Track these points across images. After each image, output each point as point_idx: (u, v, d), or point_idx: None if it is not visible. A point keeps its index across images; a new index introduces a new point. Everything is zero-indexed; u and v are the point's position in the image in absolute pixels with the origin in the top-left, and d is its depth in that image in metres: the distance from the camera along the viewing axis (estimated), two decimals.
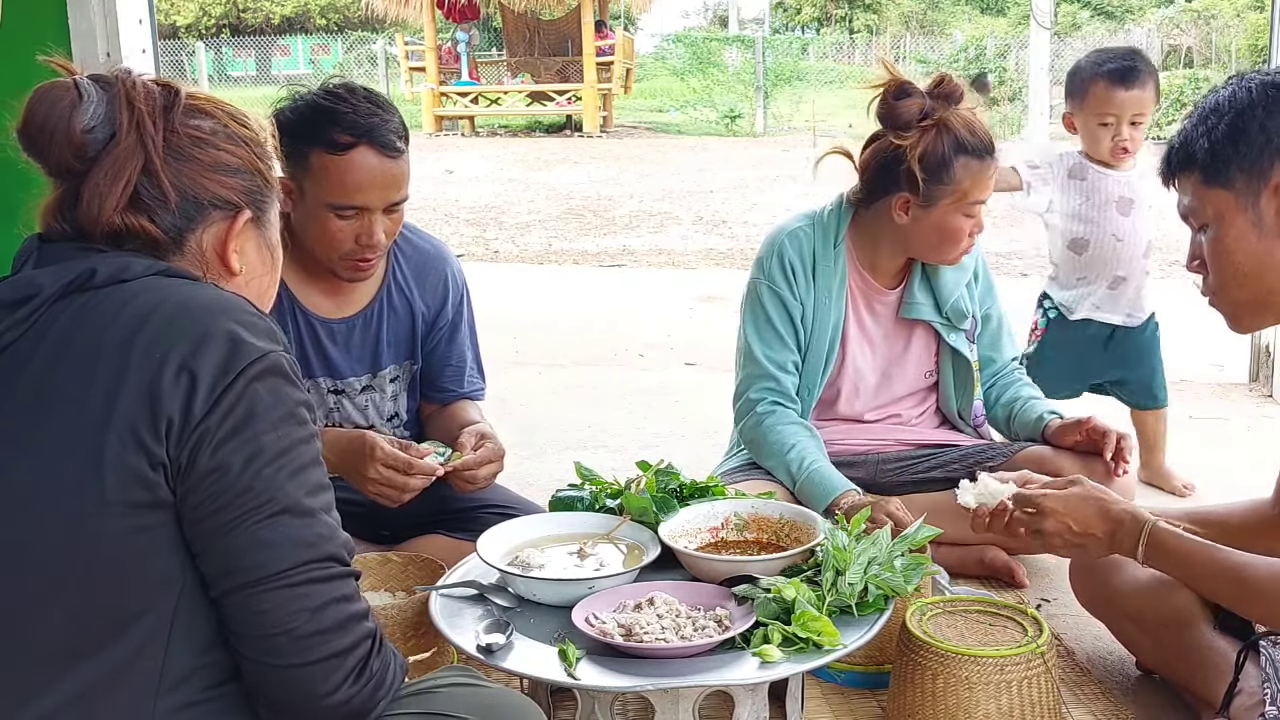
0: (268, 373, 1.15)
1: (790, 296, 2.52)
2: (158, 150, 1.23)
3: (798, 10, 33.02)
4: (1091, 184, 3.13)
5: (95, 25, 2.95)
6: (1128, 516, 1.77)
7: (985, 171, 2.41)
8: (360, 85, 2.17)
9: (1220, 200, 1.62)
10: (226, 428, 1.12)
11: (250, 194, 1.30)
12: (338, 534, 1.19)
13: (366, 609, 1.21)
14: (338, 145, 2.05)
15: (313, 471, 1.18)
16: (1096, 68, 3.01)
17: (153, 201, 1.23)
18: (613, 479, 2.15)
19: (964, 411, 2.64)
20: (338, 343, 2.30)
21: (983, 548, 2.55)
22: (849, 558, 1.76)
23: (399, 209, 2.15)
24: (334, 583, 1.17)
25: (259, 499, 1.13)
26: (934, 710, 1.75)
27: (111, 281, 1.17)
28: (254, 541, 1.13)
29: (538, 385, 4.50)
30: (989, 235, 8.57)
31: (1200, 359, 4.78)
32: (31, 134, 1.22)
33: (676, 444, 3.44)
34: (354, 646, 1.18)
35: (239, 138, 1.30)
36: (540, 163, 13.99)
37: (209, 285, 1.24)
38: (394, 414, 2.40)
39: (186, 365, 1.12)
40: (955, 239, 2.45)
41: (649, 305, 6.35)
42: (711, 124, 18.77)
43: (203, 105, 1.29)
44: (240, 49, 27.77)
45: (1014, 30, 22.88)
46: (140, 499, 1.10)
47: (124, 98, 1.23)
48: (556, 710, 1.93)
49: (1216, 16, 21.73)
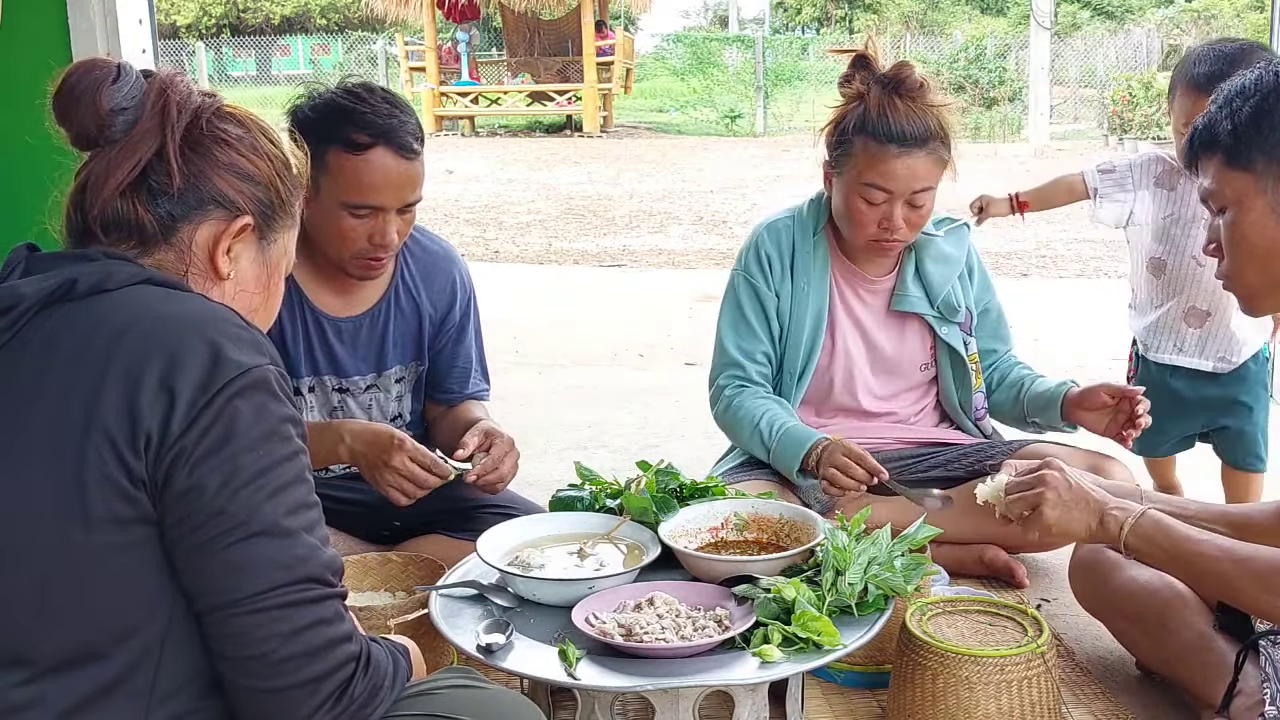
0: (251, 388, 1.13)
1: (765, 288, 2.53)
2: (175, 135, 1.23)
3: (798, 10, 33.00)
4: (1181, 195, 2.67)
5: (95, 25, 2.95)
6: (1111, 504, 1.78)
7: (883, 157, 2.36)
8: (379, 85, 2.18)
9: (1240, 183, 1.62)
10: (204, 446, 1.10)
11: (259, 205, 1.29)
12: (319, 554, 1.16)
13: (349, 631, 1.18)
14: (355, 145, 2.06)
15: (294, 491, 1.15)
16: (1191, 66, 2.58)
17: (157, 186, 1.23)
18: (613, 479, 2.16)
19: (964, 404, 2.64)
20: (344, 341, 2.30)
21: (983, 547, 2.55)
22: (849, 558, 1.76)
23: (412, 210, 2.16)
24: (312, 606, 1.14)
25: (234, 520, 1.10)
26: (934, 710, 1.75)
27: (93, 292, 1.16)
28: (228, 564, 1.10)
29: (538, 385, 4.50)
30: (989, 235, 8.47)
31: None
32: (63, 98, 1.24)
33: (676, 444, 3.44)
34: (332, 671, 1.14)
35: (264, 152, 1.30)
36: (540, 163, 14.00)
37: (194, 296, 1.22)
38: (397, 414, 2.41)
39: (166, 381, 1.10)
40: (856, 219, 2.43)
41: (649, 305, 6.35)
42: (711, 124, 18.79)
43: (237, 114, 1.31)
44: (240, 49, 27.77)
45: (1014, 30, 22.88)
46: (124, 514, 1.09)
47: (158, 86, 1.25)
48: (556, 710, 1.93)
49: (1216, 16, 21.72)
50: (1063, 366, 4.29)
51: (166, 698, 1.13)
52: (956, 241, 2.61)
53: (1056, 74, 17.96)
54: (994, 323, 2.69)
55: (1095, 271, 7.39)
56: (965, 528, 2.50)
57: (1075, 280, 7.15)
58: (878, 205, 2.39)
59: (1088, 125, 17.61)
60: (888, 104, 2.37)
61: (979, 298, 2.65)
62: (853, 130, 2.40)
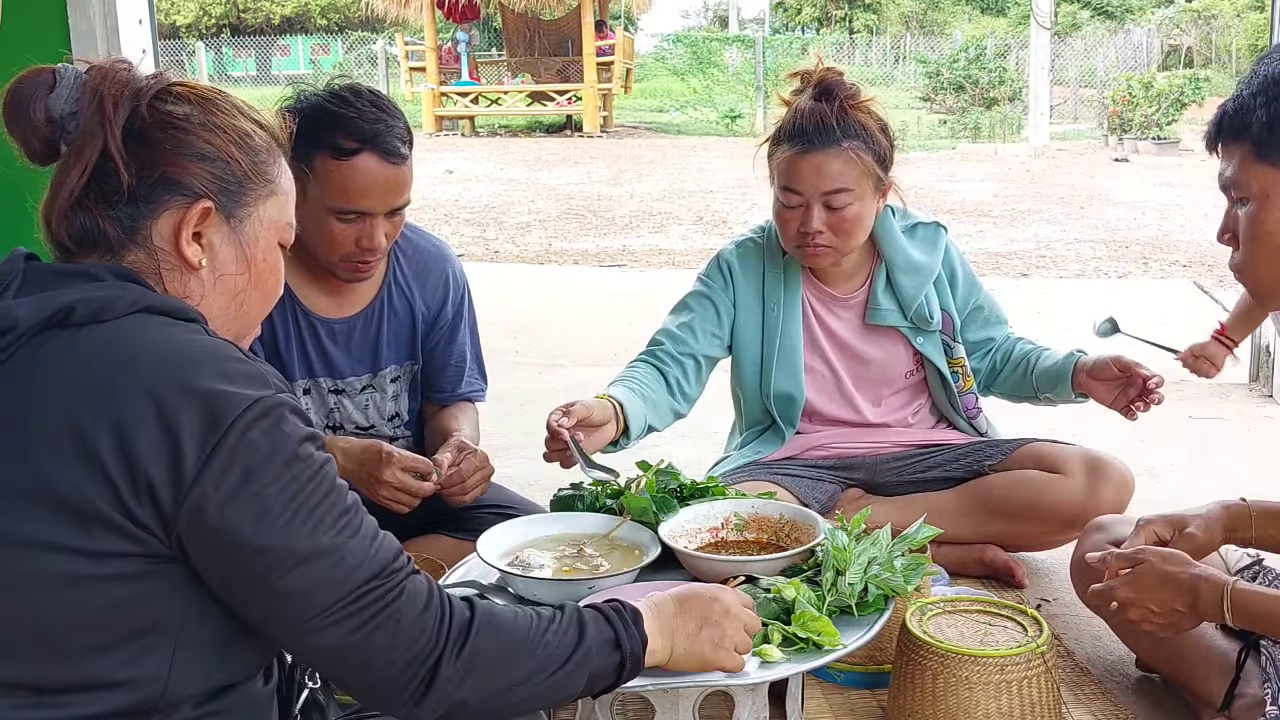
0: (260, 419, 1.10)
1: (721, 296, 2.53)
2: (114, 131, 1.18)
3: (798, 10, 33.01)
4: None
5: (95, 25, 2.95)
6: (1202, 583, 1.67)
7: (791, 158, 2.36)
8: (367, 87, 2.16)
9: (1268, 177, 1.53)
10: (227, 488, 1.08)
11: (220, 183, 1.22)
12: (372, 551, 1.16)
13: (422, 607, 1.18)
14: (341, 150, 2.05)
15: (329, 505, 1.14)
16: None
17: (109, 188, 1.18)
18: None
19: (954, 406, 2.63)
20: (338, 342, 2.30)
21: (983, 547, 2.55)
22: (849, 558, 1.76)
23: (401, 213, 2.15)
24: (374, 606, 1.15)
25: (278, 554, 1.10)
26: (934, 710, 1.75)
27: (90, 321, 1.12)
28: (282, 595, 1.11)
29: (538, 385, 4.50)
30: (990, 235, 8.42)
31: None
32: (8, 113, 1.21)
33: (676, 444, 3.44)
34: (413, 660, 1.17)
35: (217, 125, 1.23)
36: (540, 163, 14.00)
37: (192, 327, 1.18)
38: (395, 414, 2.40)
39: (165, 424, 1.07)
40: (779, 224, 2.44)
41: (649, 305, 6.34)
42: (711, 124, 18.78)
43: (185, 93, 1.23)
44: (240, 49, 27.78)
45: (1014, 30, 22.90)
46: (122, 549, 1.07)
47: (92, 83, 1.19)
48: (556, 710, 1.93)
49: (1216, 16, 21.74)
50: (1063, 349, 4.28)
51: (170, 710, 1.13)
52: (930, 247, 2.57)
53: (1056, 74, 17.97)
54: (986, 314, 2.66)
55: (1095, 272, 7.39)
56: (965, 527, 2.51)
57: (1075, 280, 7.15)
58: (795, 209, 2.39)
59: (1088, 125, 17.61)
60: (805, 110, 2.38)
61: (966, 297, 2.62)
62: (774, 141, 2.42)
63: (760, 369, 2.55)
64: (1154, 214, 9.45)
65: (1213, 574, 1.69)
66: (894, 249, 2.53)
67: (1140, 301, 6.31)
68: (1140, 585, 1.72)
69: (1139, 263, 7.61)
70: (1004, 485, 2.49)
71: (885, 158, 2.41)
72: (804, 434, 2.61)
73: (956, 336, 2.59)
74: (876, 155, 2.38)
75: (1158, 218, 9.27)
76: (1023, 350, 2.63)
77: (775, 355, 2.52)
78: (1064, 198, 10.40)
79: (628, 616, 1.36)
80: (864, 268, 2.56)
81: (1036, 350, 2.61)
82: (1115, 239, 8.35)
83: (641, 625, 1.37)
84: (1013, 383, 2.64)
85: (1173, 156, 13.76)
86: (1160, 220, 9.16)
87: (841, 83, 2.41)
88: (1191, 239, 8.18)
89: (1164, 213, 9.51)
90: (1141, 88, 14.99)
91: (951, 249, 2.61)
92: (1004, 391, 2.69)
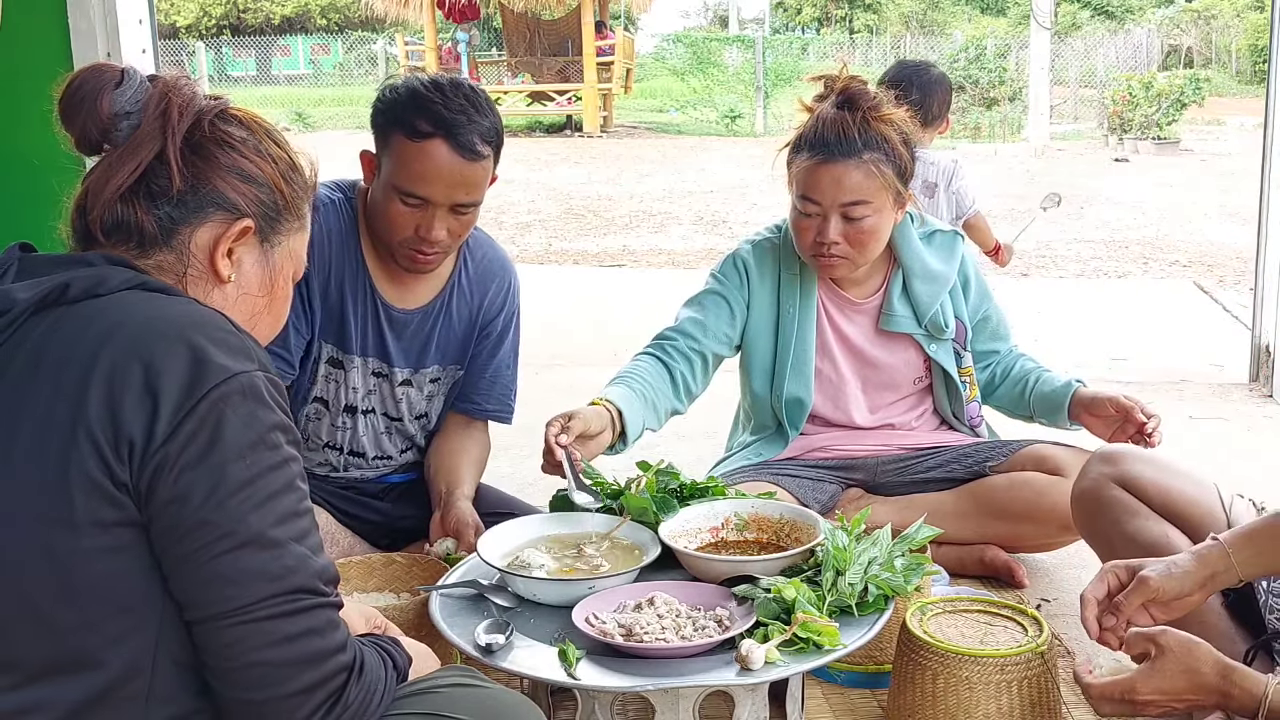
0: (237, 394, 1.11)
1: (736, 296, 2.52)
2: (175, 138, 1.23)
3: (798, 10, 32.99)
4: None
5: (95, 25, 2.96)
6: (1235, 689, 1.50)
7: (811, 168, 2.35)
8: (468, 83, 2.17)
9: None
10: (189, 455, 1.08)
11: (262, 207, 1.29)
12: (310, 563, 1.14)
13: (342, 640, 1.17)
14: (416, 132, 2.07)
15: (283, 500, 1.13)
16: None
17: (158, 189, 1.23)
18: (613, 479, 2.15)
19: (958, 414, 2.63)
20: (396, 331, 2.30)
21: (983, 547, 2.55)
22: (849, 558, 1.76)
23: (469, 212, 2.15)
24: (301, 615, 1.13)
25: (219, 531, 1.09)
26: (934, 710, 1.75)
27: (85, 296, 1.15)
28: (215, 575, 1.09)
29: (538, 385, 4.49)
30: None
31: (1200, 359, 4.79)
32: (68, 101, 1.24)
33: (676, 444, 3.44)
34: (324, 681, 1.14)
35: (268, 154, 1.30)
36: (540, 163, 14.00)
37: (185, 300, 1.21)
38: (424, 413, 2.41)
39: (149, 385, 1.09)
40: (795, 232, 2.43)
41: (649, 305, 6.34)
42: (712, 124, 18.78)
43: (241, 116, 1.30)
44: (240, 49, 27.76)
45: (1014, 30, 22.88)
46: (109, 517, 1.08)
47: (160, 89, 1.25)
48: (556, 710, 1.93)
49: (1216, 16, 21.74)
50: (1063, 367, 4.28)
51: (164, 701, 1.13)
52: (947, 255, 2.57)
53: (1056, 74, 17.96)
54: (994, 327, 2.68)
55: (1095, 272, 7.39)
56: (965, 528, 2.51)
57: (1075, 280, 7.15)
58: (812, 218, 2.38)
59: (1088, 125, 17.61)
60: (828, 118, 2.36)
61: (977, 307, 2.63)
62: (794, 148, 2.41)
63: (772, 372, 2.55)
64: (1154, 214, 9.46)
65: (1244, 672, 1.52)
66: (911, 256, 2.53)
67: (1140, 302, 6.31)
68: (1161, 680, 1.55)
69: (1139, 263, 7.61)
70: (1005, 486, 2.49)
71: (906, 170, 2.40)
72: (806, 435, 2.61)
73: (968, 345, 2.60)
74: (897, 168, 2.37)
75: (1158, 218, 9.26)
76: (1023, 368, 2.64)
77: (789, 360, 2.52)
78: (1064, 198, 10.39)
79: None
80: (880, 273, 2.56)
81: (1037, 370, 2.61)
82: (1115, 239, 8.35)
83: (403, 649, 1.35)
84: (1010, 399, 2.65)
85: (1173, 156, 13.76)
86: (1160, 220, 9.16)
87: (865, 92, 2.40)
88: (1191, 239, 8.18)
89: (1164, 213, 9.51)
90: (1141, 88, 14.99)
91: (967, 258, 2.61)
92: (999, 406, 2.71)
